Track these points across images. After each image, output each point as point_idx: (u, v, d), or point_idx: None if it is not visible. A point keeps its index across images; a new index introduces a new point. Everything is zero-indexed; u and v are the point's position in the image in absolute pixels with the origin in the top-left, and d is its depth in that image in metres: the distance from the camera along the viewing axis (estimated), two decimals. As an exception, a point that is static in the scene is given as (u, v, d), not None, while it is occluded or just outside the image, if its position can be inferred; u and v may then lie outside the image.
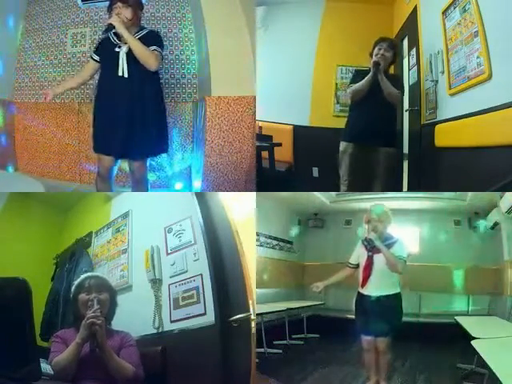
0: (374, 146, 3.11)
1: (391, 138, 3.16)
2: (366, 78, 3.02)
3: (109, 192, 2.94)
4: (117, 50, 2.72)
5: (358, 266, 2.48)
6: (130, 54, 2.71)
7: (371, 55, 3.07)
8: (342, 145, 3.20)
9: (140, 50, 2.68)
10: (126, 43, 2.71)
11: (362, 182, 3.25)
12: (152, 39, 2.77)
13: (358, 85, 3.07)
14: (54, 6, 3.83)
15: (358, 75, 3.14)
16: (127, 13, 2.70)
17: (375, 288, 2.37)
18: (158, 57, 2.75)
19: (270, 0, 4.87)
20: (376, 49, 3.05)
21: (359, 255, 2.47)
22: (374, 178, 3.16)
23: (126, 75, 2.70)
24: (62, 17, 3.81)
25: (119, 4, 2.70)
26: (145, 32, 2.80)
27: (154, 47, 2.73)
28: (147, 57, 2.69)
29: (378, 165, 3.13)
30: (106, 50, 2.79)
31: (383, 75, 2.98)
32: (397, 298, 2.39)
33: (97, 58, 2.83)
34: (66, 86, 3.00)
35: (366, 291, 2.40)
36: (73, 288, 2.04)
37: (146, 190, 3.03)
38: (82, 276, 2.07)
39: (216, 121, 3.37)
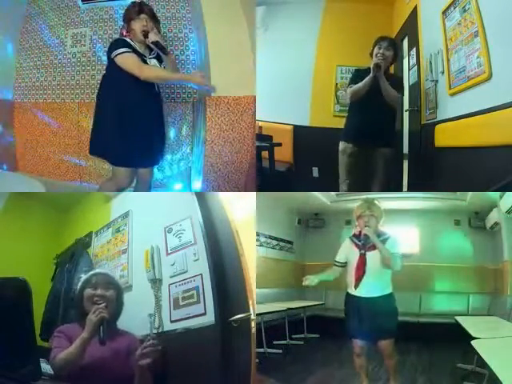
0: (372, 146, 3.11)
1: (389, 138, 3.16)
2: (365, 80, 3.00)
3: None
4: (150, 63, 2.68)
5: (345, 264, 2.37)
6: None
7: (371, 55, 3.05)
8: (341, 145, 3.20)
9: (173, 64, 2.84)
10: (152, 57, 2.71)
11: (361, 182, 3.25)
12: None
13: (357, 86, 3.04)
14: (54, 6, 3.82)
15: (358, 75, 3.12)
16: (149, 27, 2.65)
17: (369, 288, 2.26)
18: None
19: (270, 0, 4.87)
20: (376, 48, 3.02)
21: (348, 253, 2.35)
22: (373, 178, 3.16)
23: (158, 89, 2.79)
24: (62, 17, 3.81)
25: (144, 16, 2.64)
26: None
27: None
28: (177, 69, 2.92)
29: (377, 165, 3.13)
30: None
31: (383, 77, 2.96)
32: (391, 298, 2.30)
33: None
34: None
35: (358, 292, 2.28)
36: (79, 284, 2.03)
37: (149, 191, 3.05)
38: (90, 272, 2.07)
39: (216, 121, 3.36)
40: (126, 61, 2.57)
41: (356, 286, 2.29)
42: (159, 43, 2.64)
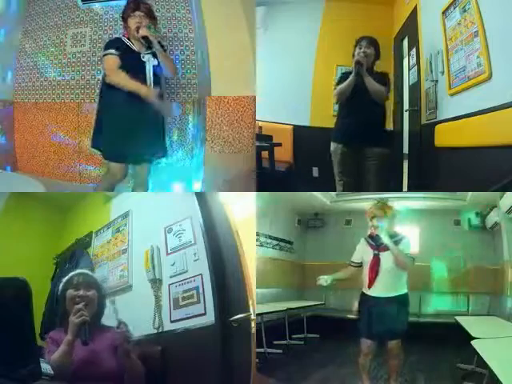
0: (362, 146, 3.11)
1: (379, 137, 3.14)
2: (349, 79, 3.02)
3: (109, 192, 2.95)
4: (143, 59, 2.75)
5: (361, 264, 2.39)
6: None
7: (353, 55, 3.07)
8: (333, 145, 3.23)
9: (169, 60, 2.88)
10: (148, 53, 2.76)
11: (356, 182, 3.26)
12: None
13: (341, 86, 3.07)
14: (53, 6, 3.82)
15: (344, 77, 3.14)
16: (143, 23, 2.71)
17: (383, 289, 2.27)
18: None
19: (270, 0, 4.87)
20: (357, 48, 3.06)
21: (363, 254, 2.37)
22: (366, 177, 3.17)
23: (152, 84, 2.80)
24: (62, 17, 3.80)
25: (140, 13, 2.70)
26: None
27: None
28: (173, 66, 2.92)
29: (368, 165, 3.13)
30: (127, 56, 2.72)
31: (367, 73, 2.97)
32: (406, 298, 2.32)
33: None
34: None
35: (373, 292, 2.29)
36: (61, 285, 2.01)
37: (146, 191, 3.05)
38: (71, 273, 2.05)
39: (216, 121, 3.36)
40: (106, 62, 2.77)
41: (370, 286, 2.30)
42: (148, 38, 2.70)
